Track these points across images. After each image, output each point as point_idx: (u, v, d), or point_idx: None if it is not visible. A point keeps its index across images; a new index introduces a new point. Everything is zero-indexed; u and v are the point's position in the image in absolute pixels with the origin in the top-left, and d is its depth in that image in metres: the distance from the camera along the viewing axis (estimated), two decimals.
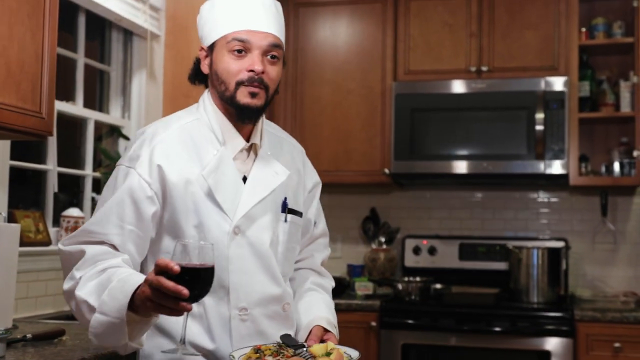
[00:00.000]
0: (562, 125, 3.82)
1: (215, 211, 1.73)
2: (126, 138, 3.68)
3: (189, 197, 1.72)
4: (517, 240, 4.15)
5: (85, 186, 3.50)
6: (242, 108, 1.76)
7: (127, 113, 3.78)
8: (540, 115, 3.84)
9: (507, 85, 3.91)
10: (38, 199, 3.25)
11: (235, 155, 1.80)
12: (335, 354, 1.59)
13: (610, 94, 3.98)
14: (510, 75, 3.96)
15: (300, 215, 1.90)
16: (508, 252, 3.99)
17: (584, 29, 3.98)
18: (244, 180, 1.79)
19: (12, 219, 2.87)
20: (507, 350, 3.56)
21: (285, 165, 1.87)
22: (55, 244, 3.14)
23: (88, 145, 3.52)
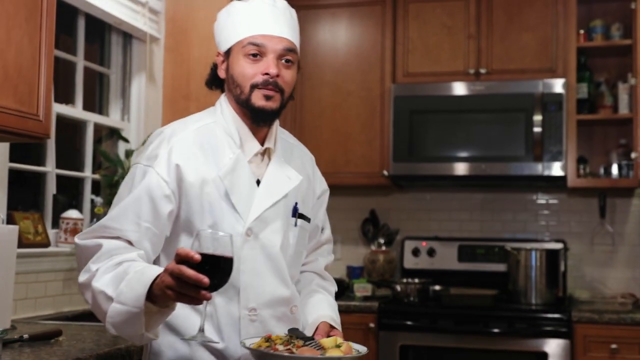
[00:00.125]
0: (560, 127, 3.83)
1: (229, 212, 1.76)
2: (126, 140, 3.70)
3: (204, 197, 1.75)
4: (516, 241, 4.15)
5: (85, 188, 3.52)
6: (257, 111, 1.79)
7: (127, 115, 3.80)
8: (538, 117, 3.85)
9: (505, 87, 3.92)
10: (37, 200, 3.27)
11: (250, 158, 1.83)
12: (345, 346, 1.61)
13: (608, 96, 3.99)
14: (509, 78, 3.97)
15: (309, 220, 1.93)
16: (507, 254, 4.00)
17: (582, 31, 3.99)
18: (257, 183, 1.82)
19: (11, 221, 2.88)
20: (505, 352, 3.57)
21: (296, 171, 1.90)
22: (54, 246, 3.17)
23: (87, 147, 3.54)
